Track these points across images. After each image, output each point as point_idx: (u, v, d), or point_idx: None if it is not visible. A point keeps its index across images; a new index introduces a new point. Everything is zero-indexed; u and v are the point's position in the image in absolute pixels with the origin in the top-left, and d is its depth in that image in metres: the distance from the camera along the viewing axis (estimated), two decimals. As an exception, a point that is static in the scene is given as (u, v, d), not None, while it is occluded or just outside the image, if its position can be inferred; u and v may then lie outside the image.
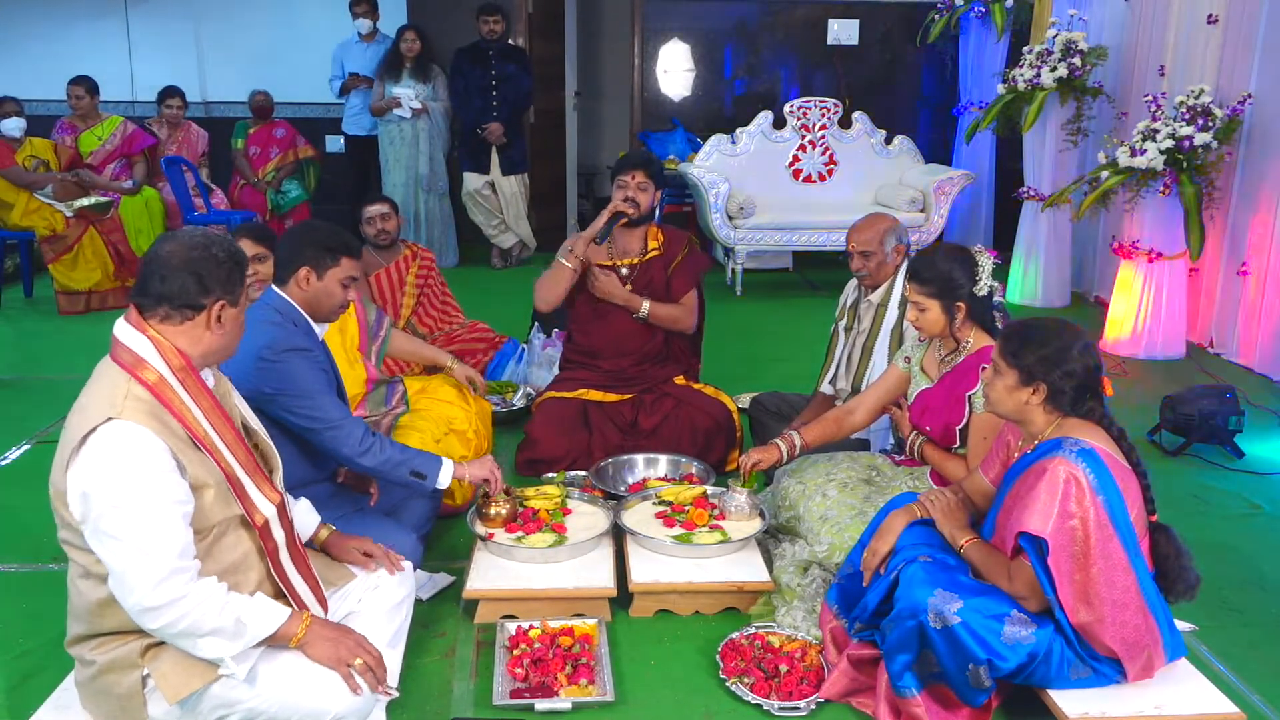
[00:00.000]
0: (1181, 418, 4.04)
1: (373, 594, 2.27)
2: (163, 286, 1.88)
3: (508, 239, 7.53)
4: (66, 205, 6.21)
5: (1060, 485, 2.11)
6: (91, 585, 1.90)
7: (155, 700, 1.92)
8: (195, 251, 1.90)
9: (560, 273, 3.76)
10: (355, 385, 3.30)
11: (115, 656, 1.92)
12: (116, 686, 1.92)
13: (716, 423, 3.71)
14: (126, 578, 1.79)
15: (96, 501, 1.79)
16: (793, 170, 7.31)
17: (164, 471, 1.82)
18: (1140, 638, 2.18)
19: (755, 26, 8.16)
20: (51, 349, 5.55)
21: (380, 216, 4.39)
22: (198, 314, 1.91)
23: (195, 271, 1.89)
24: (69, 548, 1.91)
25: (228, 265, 1.93)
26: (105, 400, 1.83)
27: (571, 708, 2.36)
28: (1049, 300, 6.53)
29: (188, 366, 1.91)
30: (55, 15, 8.07)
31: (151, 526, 1.79)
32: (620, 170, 3.78)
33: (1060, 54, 6.10)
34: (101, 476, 1.79)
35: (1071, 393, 2.23)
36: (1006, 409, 2.30)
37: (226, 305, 1.94)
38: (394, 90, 7.06)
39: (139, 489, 1.79)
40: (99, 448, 1.80)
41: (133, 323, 1.91)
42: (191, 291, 1.89)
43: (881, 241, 3.34)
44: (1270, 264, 5.03)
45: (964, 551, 2.36)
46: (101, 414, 1.81)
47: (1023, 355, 2.23)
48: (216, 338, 1.95)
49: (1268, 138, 5.08)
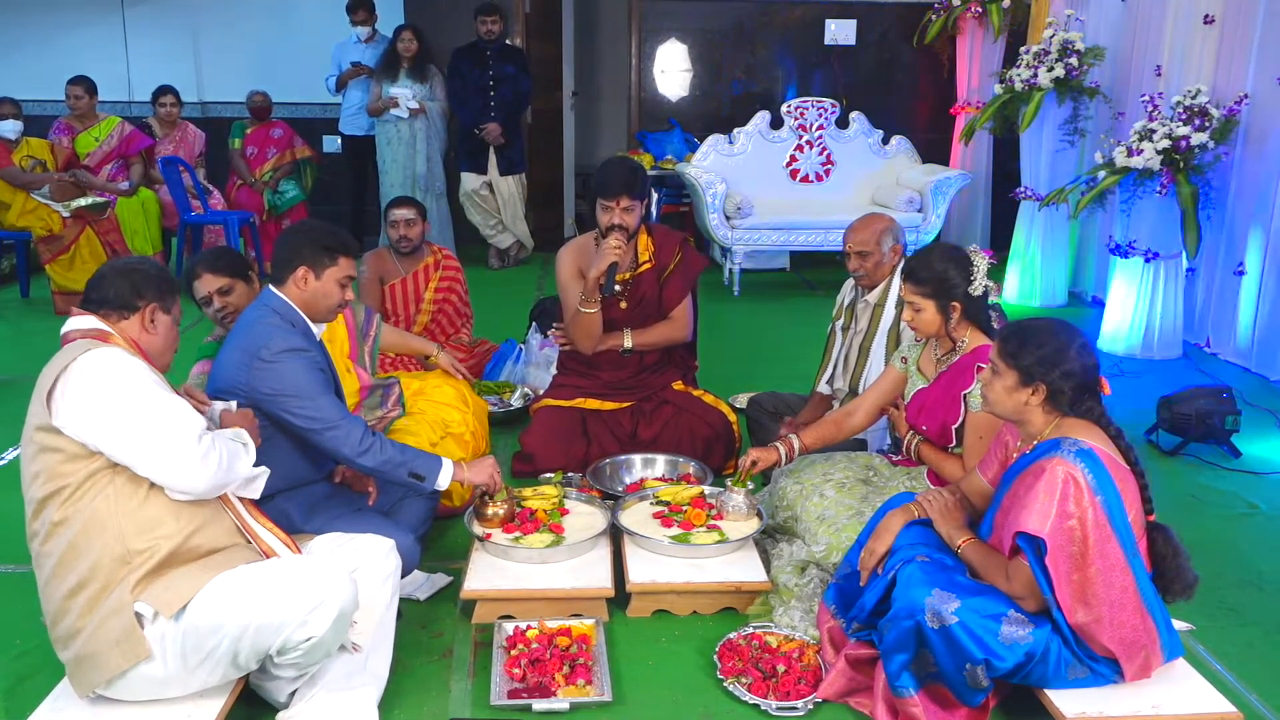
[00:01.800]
0: (1178, 417, 4.04)
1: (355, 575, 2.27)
2: (101, 293, 2.20)
3: (505, 239, 7.52)
4: (63, 205, 6.20)
5: (1059, 485, 2.12)
6: (56, 541, 2.05)
7: (153, 632, 2.02)
8: (130, 265, 2.26)
9: (588, 319, 3.66)
10: (349, 396, 3.22)
11: (106, 609, 2.02)
12: (111, 634, 2.02)
13: (715, 432, 3.70)
14: (170, 457, 2.04)
15: (108, 411, 2.00)
16: (790, 170, 7.31)
17: (152, 379, 2.10)
18: (1138, 638, 2.18)
19: (753, 26, 8.16)
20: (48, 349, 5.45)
21: (405, 222, 4.23)
22: (132, 314, 2.20)
23: (129, 279, 2.20)
24: (36, 506, 2.07)
25: (158, 279, 2.24)
26: (79, 348, 2.08)
27: (569, 708, 2.36)
28: (1046, 300, 6.54)
29: (136, 347, 2.17)
30: (52, 15, 8.06)
31: (168, 417, 2.06)
32: (603, 194, 3.58)
33: (1057, 54, 6.11)
34: (102, 387, 2.01)
35: (1070, 393, 2.23)
36: (1005, 409, 2.30)
37: (158, 310, 2.22)
38: (391, 90, 7.05)
39: (141, 386, 2.05)
40: (90, 367, 2.03)
41: (79, 314, 2.20)
42: (126, 294, 2.19)
43: (878, 242, 3.35)
44: (1267, 264, 5.04)
45: (962, 552, 2.36)
46: (79, 352, 2.05)
47: (1022, 356, 2.23)
48: (151, 337, 2.22)
49: (1264, 138, 5.09)
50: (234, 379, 2.52)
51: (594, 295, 3.61)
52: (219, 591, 2.05)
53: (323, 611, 2.04)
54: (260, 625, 2.01)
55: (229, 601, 2.03)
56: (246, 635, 2.01)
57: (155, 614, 2.03)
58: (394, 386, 3.44)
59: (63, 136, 6.55)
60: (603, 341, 3.75)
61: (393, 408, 3.37)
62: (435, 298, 4.40)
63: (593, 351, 3.77)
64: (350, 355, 3.37)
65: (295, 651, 2.05)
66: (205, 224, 6.76)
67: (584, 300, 3.64)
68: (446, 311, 4.49)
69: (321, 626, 2.04)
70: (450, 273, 4.47)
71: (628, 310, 3.77)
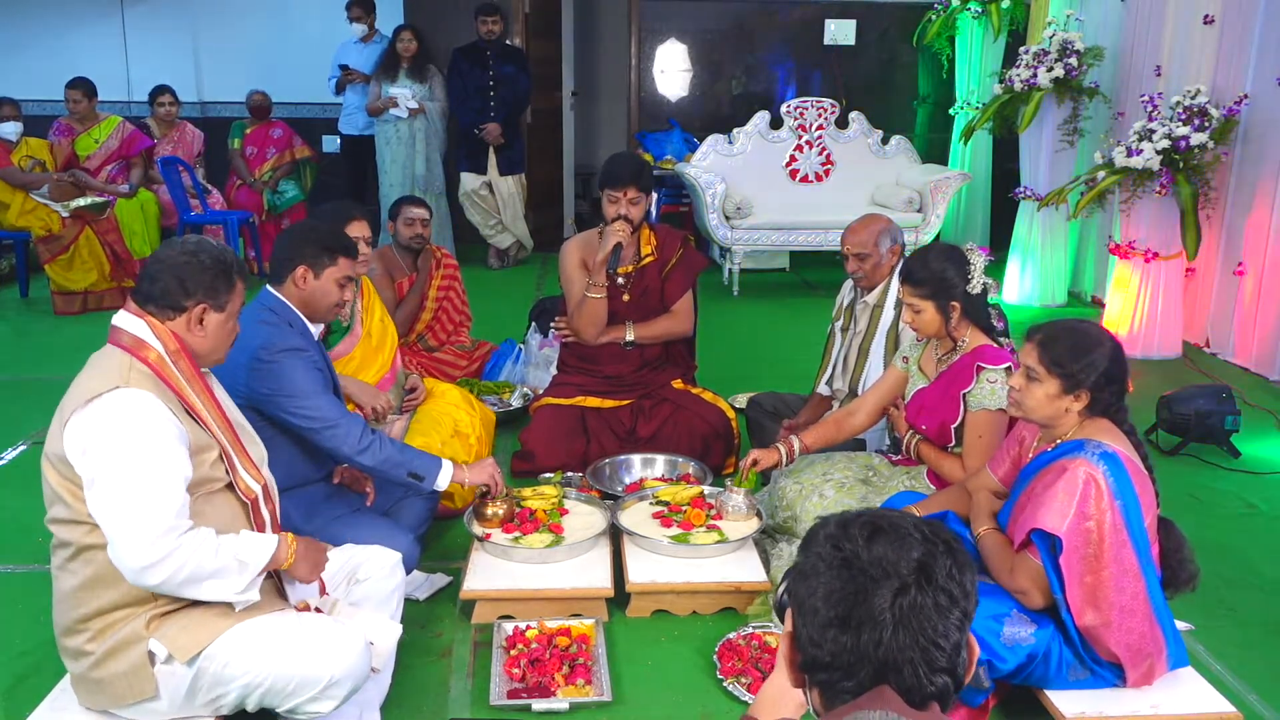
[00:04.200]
0: (1178, 417, 4.04)
1: (361, 587, 2.27)
2: (150, 287, 2.03)
3: (505, 239, 7.52)
4: (62, 205, 6.19)
5: (1079, 486, 2.10)
6: (81, 564, 1.95)
7: (163, 671, 1.95)
8: (184, 257, 2.05)
9: (594, 305, 3.71)
10: (385, 353, 3.42)
11: (118, 640, 1.95)
12: (120, 665, 1.96)
13: (715, 430, 3.70)
14: (125, 535, 1.86)
15: (101, 460, 1.88)
16: (789, 170, 7.31)
17: (168, 438, 1.92)
18: (1145, 645, 2.18)
19: (752, 27, 8.16)
20: (47, 349, 5.54)
21: (421, 221, 4.33)
22: (179, 315, 2.04)
23: (178, 275, 2.02)
24: (56, 525, 1.97)
25: (212, 271, 2.05)
26: (113, 372, 1.94)
27: (569, 708, 2.36)
28: (1045, 300, 6.54)
29: (182, 350, 2.03)
30: (52, 15, 8.06)
31: (152, 485, 1.88)
32: (610, 185, 3.63)
33: (1057, 54, 6.11)
34: (108, 436, 1.88)
35: (1111, 399, 2.20)
36: (1042, 415, 2.25)
37: (209, 309, 2.05)
38: (390, 90, 7.05)
39: (143, 450, 1.89)
40: (107, 410, 1.90)
41: (132, 311, 2.05)
42: (174, 293, 2.02)
43: (876, 243, 3.34)
44: (1266, 264, 5.04)
45: (980, 538, 2.34)
46: (109, 383, 1.92)
47: (1068, 364, 2.18)
48: (199, 340, 2.06)
49: (1264, 138, 5.09)
50: (233, 379, 2.52)
51: (600, 278, 3.66)
52: (236, 643, 1.96)
53: (337, 690, 1.98)
54: (272, 688, 1.96)
55: (244, 657, 1.95)
56: (256, 693, 1.97)
57: (169, 655, 1.95)
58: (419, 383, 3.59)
59: (62, 138, 6.55)
60: (605, 333, 3.78)
61: (419, 397, 3.53)
62: (437, 295, 4.47)
63: (596, 341, 3.79)
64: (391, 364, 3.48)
65: (301, 715, 2.01)
66: (204, 224, 6.76)
67: (591, 285, 3.68)
68: (447, 309, 4.54)
69: (332, 703, 1.99)
70: (450, 270, 4.54)
71: (630, 303, 3.80)
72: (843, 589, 1.15)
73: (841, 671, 1.15)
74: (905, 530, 1.17)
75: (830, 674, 1.16)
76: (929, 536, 1.18)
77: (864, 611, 1.13)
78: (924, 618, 1.13)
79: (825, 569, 1.17)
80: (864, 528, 1.18)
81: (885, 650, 1.12)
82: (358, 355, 3.38)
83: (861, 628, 1.13)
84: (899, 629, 1.12)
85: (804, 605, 1.18)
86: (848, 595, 1.14)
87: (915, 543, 1.16)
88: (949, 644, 1.14)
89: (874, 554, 1.15)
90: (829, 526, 1.21)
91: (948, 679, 1.15)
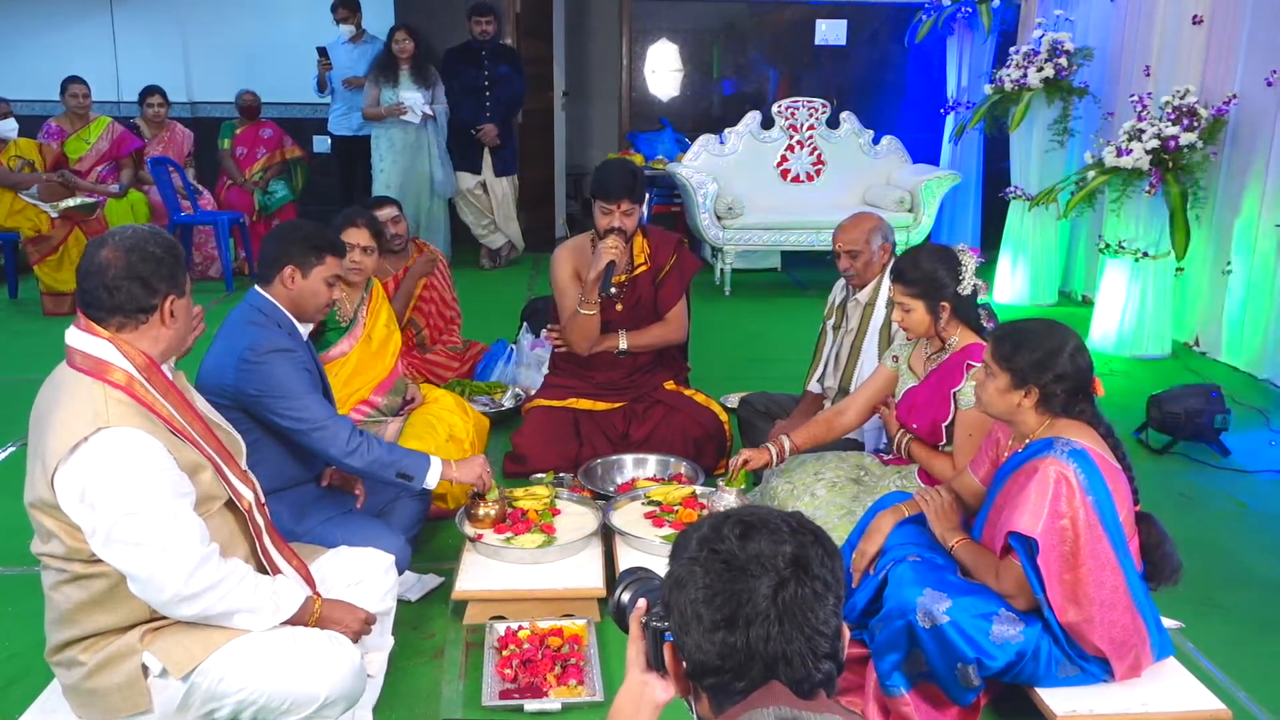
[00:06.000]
0: (1167, 416, 4.06)
1: (356, 589, 2.27)
2: (112, 299, 1.87)
3: (497, 239, 7.51)
4: (52, 206, 6.17)
5: (1051, 485, 2.12)
6: (76, 589, 1.90)
7: (156, 684, 1.93)
8: (133, 255, 1.88)
9: (586, 321, 3.66)
10: (388, 357, 3.45)
11: (111, 652, 1.92)
12: (114, 678, 1.93)
13: (707, 431, 3.70)
14: (155, 578, 1.82)
15: (106, 512, 1.79)
16: (781, 170, 7.32)
17: (165, 469, 1.85)
18: (1128, 637, 2.19)
19: (743, 27, 8.17)
20: (36, 351, 5.50)
21: (391, 220, 4.23)
22: (151, 315, 1.91)
23: (138, 276, 1.88)
24: (47, 558, 1.91)
25: (167, 260, 1.92)
26: (87, 410, 1.82)
27: (561, 708, 2.36)
28: (1036, 299, 6.56)
29: (151, 365, 1.92)
30: (40, 15, 8.02)
31: (169, 524, 1.82)
32: (603, 197, 3.56)
33: (1046, 54, 6.13)
34: (106, 486, 1.79)
35: (1063, 396, 2.22)
36: (998, 410, 2.30)
37: (175, 298, 1.94)
38: (401, 95, 6.92)
39: (148, 491, 1.81)
40: (96, 456, 1.79)
41: (86, 329, 1.90)
42: (139, 296, 1.88)
43: (868, 240, 3.35)
44: (1255, 263, 5.06)
45: (955, 551, 2.36)
46: (88, 424, 1.80)
47: (1015, 359, 2.22)
48: (172, 331, 1.96)
49: (1252, 138, 5.11)
50: (220, 380, 2.51)
51: (593, 297, 3.61)
52: (231, 659, 1.93)
53: (332, 710, 1.98)
54: (266, 705, 1.95)
55: (239, 673, 1.93)
56: (250, 709, 1.96)
57: (163, 669, 1.92)
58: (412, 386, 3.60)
59: (52, 141, 6.52)
60: (598, 343, 3.75)
61: (415, 399, 3.55)
62: (422, 293, 4.43)
63: (588, 353, 3.77)
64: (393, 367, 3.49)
65: None
66: (195, 224, 6.74)
67: (583, 302, 3.63)
68: (434, 302, 4.49)
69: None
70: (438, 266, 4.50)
71: (623, 312, 3.77)
72: (725, 589, 1.17)
73: (732, 673, 1.17)
74: (775, 525, 1.21)
75: (721, 676, 1.18)
76: (797, 529, 1.22)
77: (749, 609, 1.16)
78: (805, 608, 1.16)
79: (703, 573, 1.20)
80: (735, 526, 1.21)
81: (774, 644, 1.15)
82: (354, 358, 3.36)
83: (750, 625, 1.15)
84: (783, 621, 1.15)
85: (685, 614, 1.20)
86: (730, 595, 1.17)
87: (786, 536, 1.20)
88: (830, 630, 1.17)
89: (750, 551, 1.18)
90: (701, 530, 1.24)
91: (832, 664, 1.18)
